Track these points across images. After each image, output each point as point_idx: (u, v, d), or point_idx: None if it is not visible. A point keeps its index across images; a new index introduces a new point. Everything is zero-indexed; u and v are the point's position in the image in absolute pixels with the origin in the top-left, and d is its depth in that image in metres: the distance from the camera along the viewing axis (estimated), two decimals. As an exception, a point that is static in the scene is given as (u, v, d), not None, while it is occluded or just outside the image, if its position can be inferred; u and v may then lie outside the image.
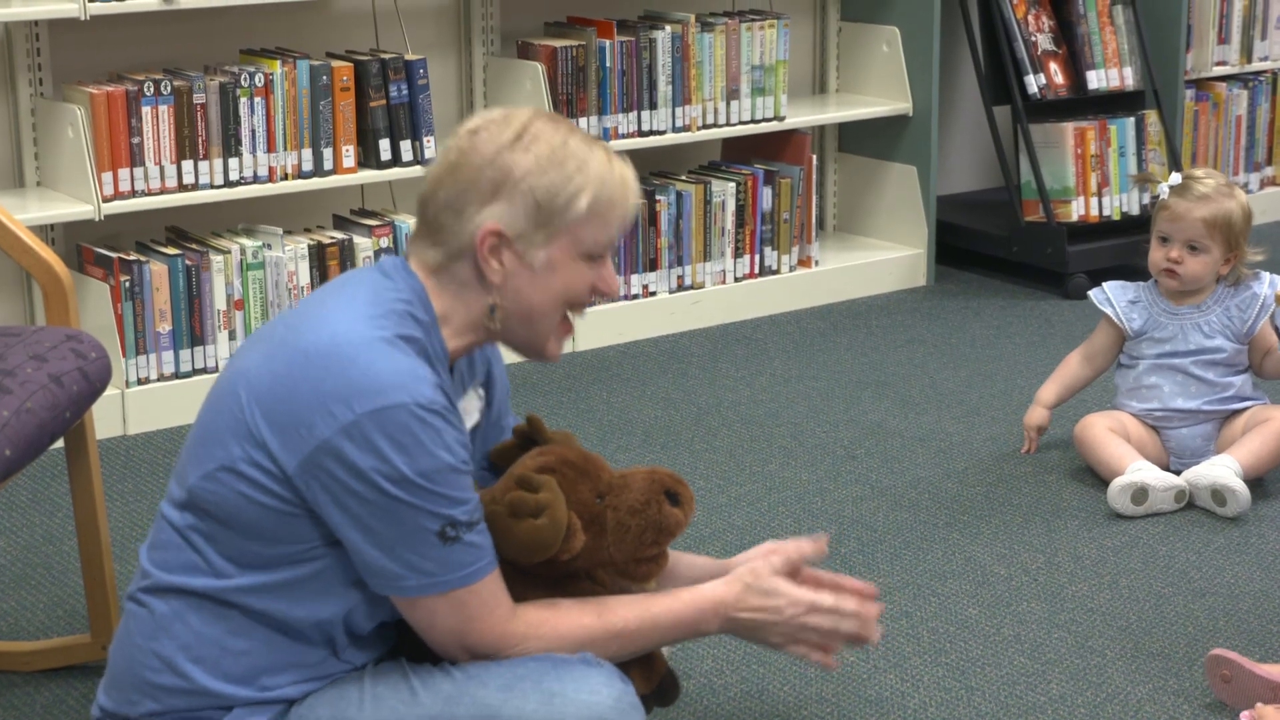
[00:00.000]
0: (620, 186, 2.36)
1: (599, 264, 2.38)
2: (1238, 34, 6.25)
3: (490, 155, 2.32)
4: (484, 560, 2.30)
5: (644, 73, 5.08)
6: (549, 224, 2.32)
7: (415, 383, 2.24)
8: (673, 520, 2.50)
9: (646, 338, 5.11)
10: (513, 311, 2.36)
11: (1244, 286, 4.07)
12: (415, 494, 2.23)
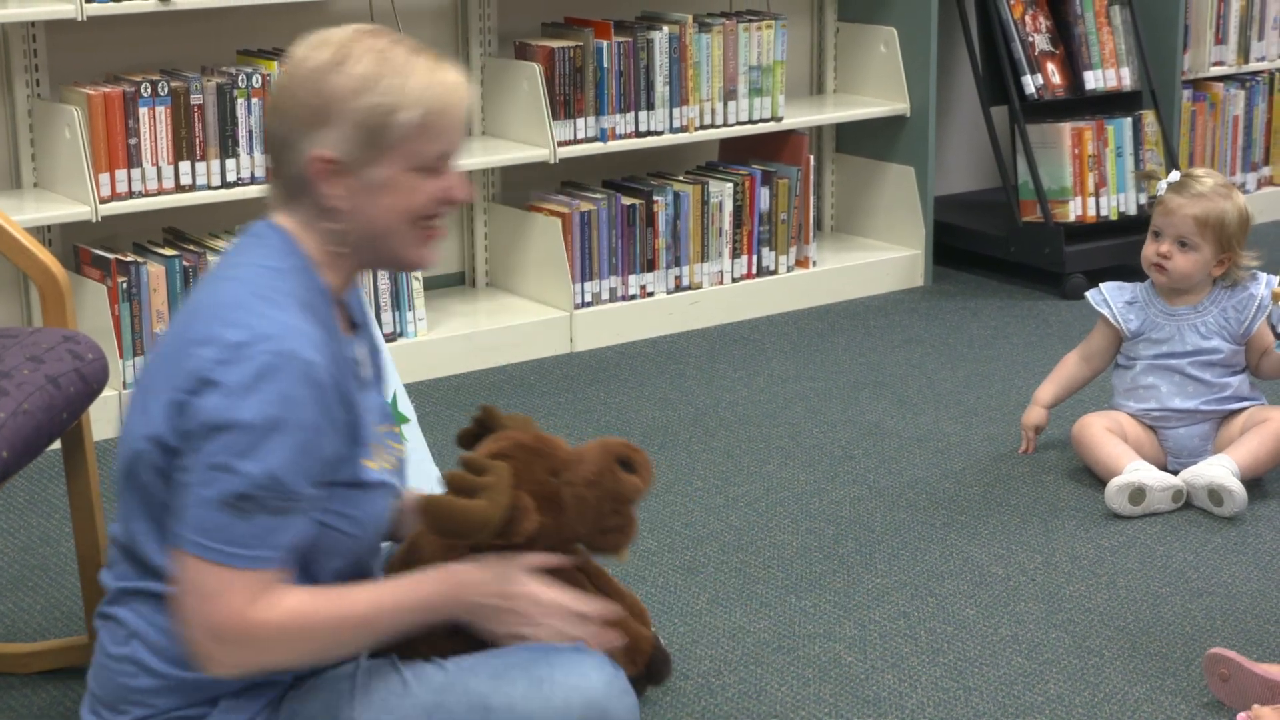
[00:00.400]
0: (446, 94, 2.29)
1: (442, 174, 2.32)
2: (1235, 34, 6.25)
3: (309, 82, 2.28)
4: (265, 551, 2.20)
5: (641, 73, 5.08)
6: (378, 143, 2.27)
7: (297, 337, 2.20)
8: (629, 486, 2.48)
9: (644, 338, 5.11)
10: (362, 234, 2.31)
11: (1241, 287, 4.07)
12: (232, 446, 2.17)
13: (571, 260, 4.99)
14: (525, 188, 5.20)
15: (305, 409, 2.19)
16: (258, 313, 2.21)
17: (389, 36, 2.32)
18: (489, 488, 2.34)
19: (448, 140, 2.31)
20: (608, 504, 2.46)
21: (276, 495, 2.18)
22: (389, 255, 2.34)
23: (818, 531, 3.80)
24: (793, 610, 3.43)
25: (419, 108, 2.26)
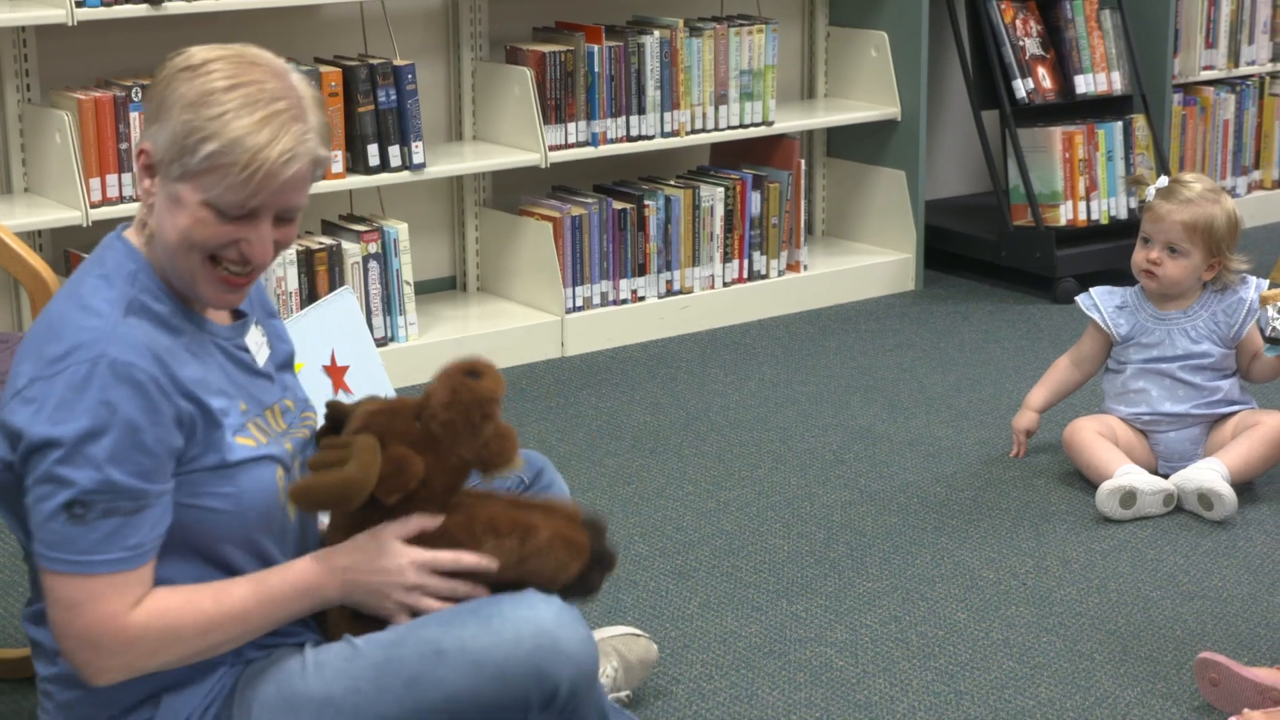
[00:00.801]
0: (256, 152, 2.23)
1: (242, 223, 2.28)
2: (1225, 38, 6.26)
3: (167, 77, 2.28)
4: (118, 554, 2.19)
5: (632, 78, 5.08)
6: (181, 159, 2.25)
7: (113, 341, 2.20)
8: (484, 390, 2.47)
9: (635, 343, 5.11)
10: (157, 238, 2.31)
11: (1230, 291, 4.08)
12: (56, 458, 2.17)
13: (563, 264, 4.99)
14: (516, 192, 5.20)
15: (125, 409, 2.19)
16: (75, 323, 2.23)
17: (265, 72, 2.29)
18: (353, 454, 2.36)
19: (248, 194, 2.25)
20: (475, 413, 2.46)
21: (112, 497, 2.18)
22: (179, 276, 2.32)
23: (809, 535, 3.80)
24: (784, 614, 3.43)
25: (219, 146, 2.23)
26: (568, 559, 2.50)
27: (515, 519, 2.49)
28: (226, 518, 2.32)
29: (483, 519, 2.47)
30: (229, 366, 2.38)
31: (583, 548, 2.52)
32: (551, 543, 2.49)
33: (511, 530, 2.47)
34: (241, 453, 2.33)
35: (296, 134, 2.27)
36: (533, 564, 2.48)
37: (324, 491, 2.36)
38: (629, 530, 3.81)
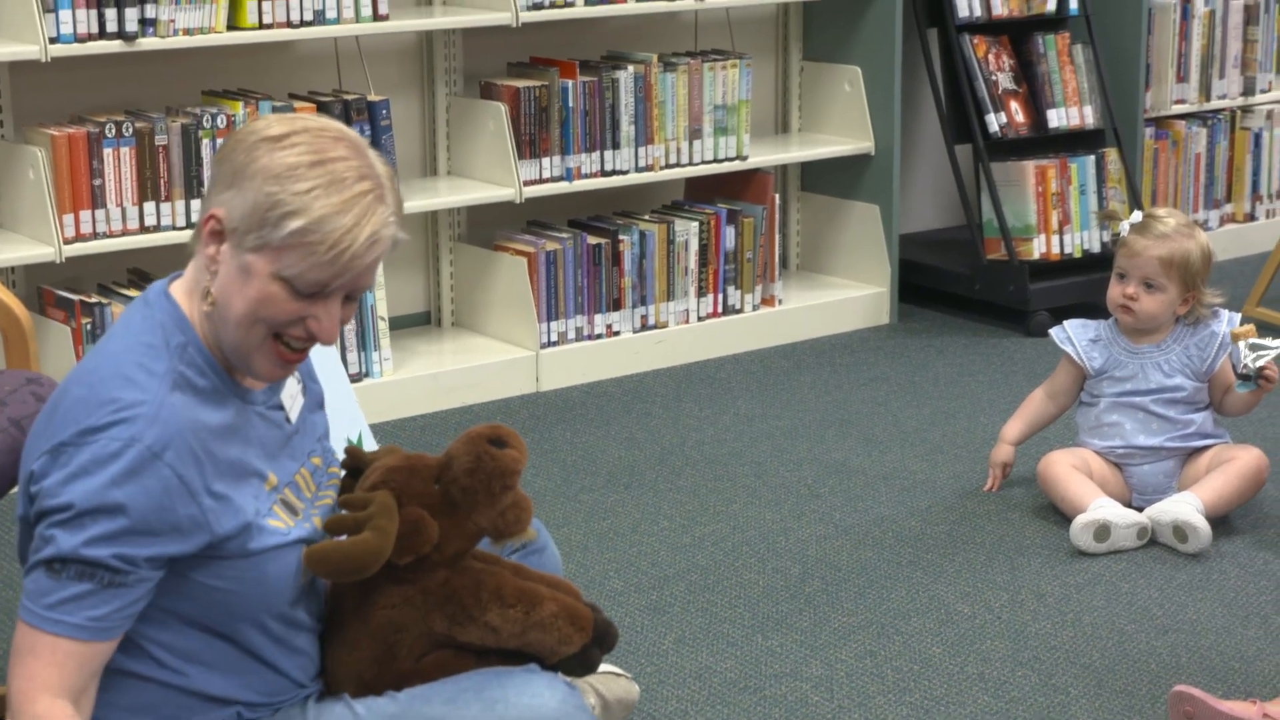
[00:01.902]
0: (341, 233, 2.22)
1: (314, 301, 2.26)
2: (1196, 72, 6.29)
3: (246, 147, 2.26)
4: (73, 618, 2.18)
5: (607, 113, 5.09)
6: (259, 230, 2.22)
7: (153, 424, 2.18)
8: (508, 460, 2.49)
9: (610, 377, 5.11)
10: (219, 308, 2.27)
11: (1203, 325, 4.09)
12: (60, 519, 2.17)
13: (537, 299, 4.99)
14: (491, 227, 5.21)
15: (140, 501, 2.17)
16: (116, 395, 2.20)
17: (348, 148, 2.27)
18: (372, 518, 2.36)
19: (331, 275, 2.24)
20: (495, 484, 2.47)
21: (93, 567, 2.17)
22: (234, 343, 2.29)
23: (784, 570, 3.80)
24: (759, 650, 3.42)
25: (305, 224, 2.21)
26: (571, 633, 2.50)
27: (521, 589, 2.49)
28: (244, 600, 2.32)
29: (490, 586, 2.48)
30: (265, 435, 2.36)
31: (587, 623, 2.53)
32: (556, 616, 2.49)
33: (517, 600, 2.48)
34: (270, 539, 2.31)
35: (381, 217, 2.25)
36: (535, 635, 2.48)
37: (341, 560, 2.35)
38: (604, 566, 3.81)
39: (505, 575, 2.51)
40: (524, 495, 2.54)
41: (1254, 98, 6.48)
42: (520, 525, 2.53)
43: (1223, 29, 6.33)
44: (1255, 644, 3.45)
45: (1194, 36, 6.26)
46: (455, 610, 2.45)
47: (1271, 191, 6.59)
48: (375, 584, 2.42)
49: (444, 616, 2.46)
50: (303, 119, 2.30)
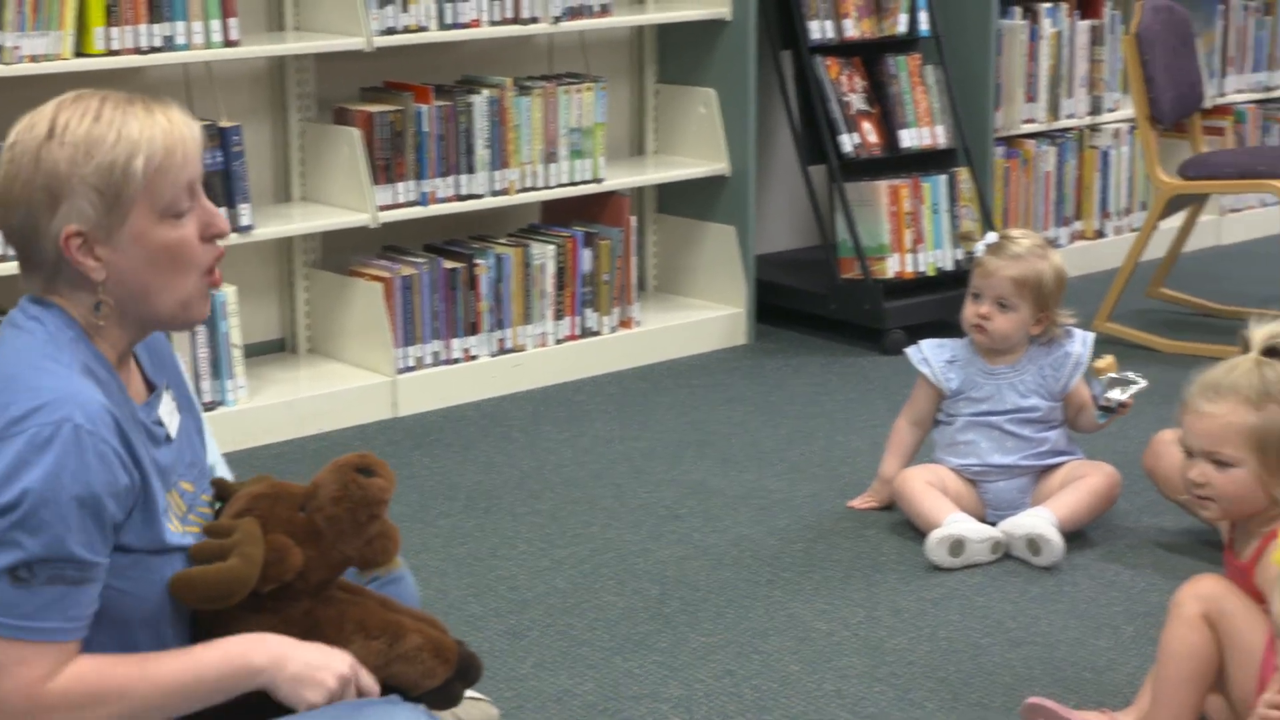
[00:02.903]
0: (169, 131, 2.25)
1: (192, 212, 2.28)
2: (1045, 92, 6.38)
3: (31, 164, 2.24)
4: (58, 623, 2.15)
5: (462, 137, 5.08)
6: (118, 203, 2.22)
7: (76, 405, 2.15)
8: (375, 489, 2.47)
9: (468, 401, 5.10)
10: (131, 297, 2.27)
11: (1057, 345, 4.15)
12: (10, 521, 2.12)
13: (394, 325, 4.97)
14: (346, 253, 5.18)
15: (85, 477, 2.15)
16: (31, 383, 2.18)
17: (96, 95, 2.28)
18: (237, 544, 2.34)
19: (185, 174, 2.26)
20: (362, 513, 2.45)
21: (61, 565, 2.14)
22: (164, 312, 2.29)
23: (643, 592, 3.80)
24: (618, 672, 3.43)
25: (146, 154, 2.23)
26: (435, 665, 2.49)
27: (386, 621, 2.47)
28: (142, 602, 2.28)
29: (354, 617, 2.45)
30: (148, 444, 2.32)
31: (452, 655, 2.51)
32: (421, 649, 2.47)
33: (382, 632, 2.46)
34: (174, 539, 2.29)
35: (169, 103, 2.31)
36: (399, 667, 2.46)
37: (207, 587, 2.32)
38: (462, 591, 3.80)
39: (371, 606, 2.49)
40: (391, 525, 2.52)
41: (1101, 116, 6.58)
42: (387, 555, 2.51)
43: (1070, 49, 6.43)
44: (1106, 655, 3.49)
45: (1042, 57, 6.35)
46: (319, 639, 2.42)
47: (1120, 208, 6.69)
48: (236, 613, 2.39)
49: None
50: (41, 110, 2.29)
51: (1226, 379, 3.02)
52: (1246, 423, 2.99)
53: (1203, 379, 3.06)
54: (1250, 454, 2.99)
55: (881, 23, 5.76)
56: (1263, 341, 3.04)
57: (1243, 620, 2.97)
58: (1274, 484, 2.99)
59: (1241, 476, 3.00)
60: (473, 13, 5.08)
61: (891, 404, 4.37)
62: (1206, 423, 3.03)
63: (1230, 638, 2.97)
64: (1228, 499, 3.03)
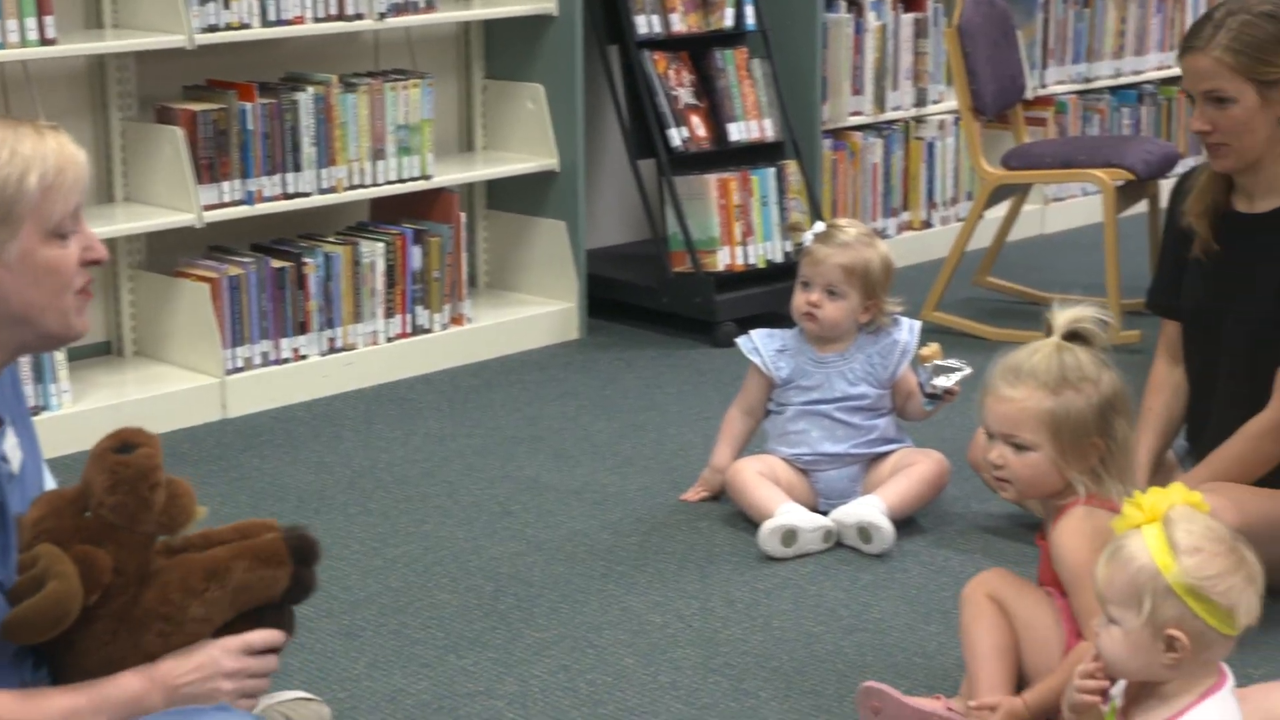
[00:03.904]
0: (57, 154, 2.27)
1: (74, 235, 2.30)
2: (870, 85, 6.44)
3: None
4: None
5: (287, 135, 5.03)
6: (9, 218, 2.24)
7: None
8: (141, 460, 2.43)
9: (298, 402, 5.05)
10: (12, 316, 2.28)
11: (884, 334, 4.19)
12: None
13: (221, 325, 4.91)
14: (171, 253, 5.10)
15: None
16: None
17: None
18: (47, 569, 2.30)
19: (74, 197, 2.28)
20: (142, 488, 2.42)
21: None
22: (44, 332, 2.29)
23: (477, 589, 3.79)
24: (453, 669, 3.41)
25: (39, 171, 2.23)
26: (272, 572, 2.47)
27: (205, 566, 2.44)
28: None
29: (175, 583, 2.42)
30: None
31: (278, 552, 2.48)
32: (249, 569, 2.45)
33: (206, 580, 2.43)
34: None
35: (57, 129, 2.32)
36: (244, 597, 2.44)
37: (39, 617, 2.28)
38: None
39: (190, 560, 2.45)
40: (178, 481, 2.48)
41: (926, 108, 6.66)
42: (188, 513, 2.47)
43: (894, 42, 6.49)
44: (937, 639, 3.53)
45: (867, 50, 6.41)
46: (159, 624, 2.39)
47: (946, 199, 6.77)
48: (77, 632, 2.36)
49: (153, 634, 2.40)
50: None
51: (1026, 364, 3.08)
52: (1043, 408, 3.04)
53: (1004, 362, 3.12)
54: (1046, 438, 3.04)
55: (708, 17, 5.78)
56: (1064, 326, 3.10)
57: (1019, 602, 3.12)
58: (1068, 467, 3.05)
59: (1037, 460, 3.06)
60: (296, 9, 5.03)
61: (724, 396, 4.39)
62: (1005, 406, 3.08)
63: (1013, 618, 3.11)
64: (1023, 481, 3.09)
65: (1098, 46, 7.21)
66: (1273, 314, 3.65)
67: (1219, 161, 3.67)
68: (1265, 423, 3.63)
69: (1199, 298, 3.78)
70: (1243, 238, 3.71)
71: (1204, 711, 2.46)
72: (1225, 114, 3.61)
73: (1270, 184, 3.69)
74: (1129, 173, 5.53)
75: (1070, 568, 2.99)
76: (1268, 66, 3.59)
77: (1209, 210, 3.73)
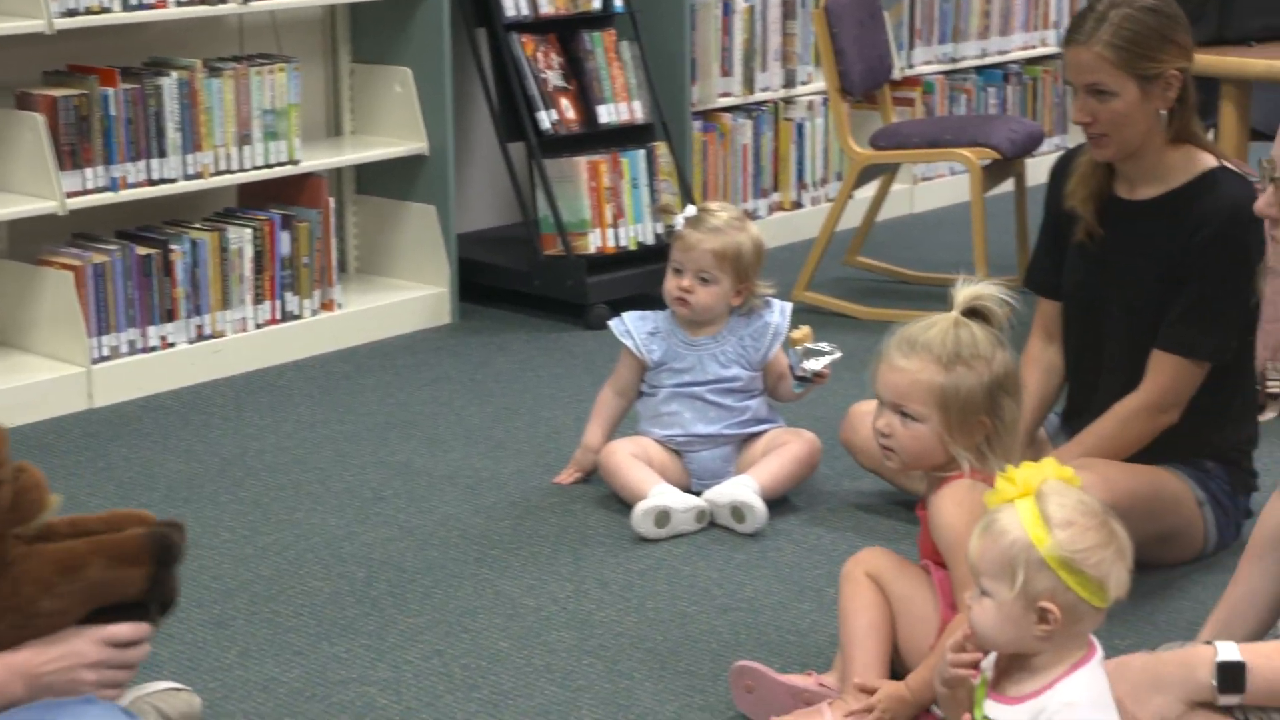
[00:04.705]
0: None
1: None
2: (739, 66, 6.46)
3: None
4: None
5: (151, 120, 4.97)
6: None
7: None
8: None
9: (167, 390, 4.99)
10: None
11: (756, 316, 4.20)
12: None
13: (86, 314, 4.84)
14: (34, 241, 5.02)
15: None
16: None
17: None
18: None
19: None
20: None
21: None
22: None
23: (349, 575, 3.76)
24: (325, 657, 3.39)
25: None
26: (129, 571, 2.43)
27: (60, 561, 2.40)
28: None
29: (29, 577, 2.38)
30: None
31: (140, 553, 2.45)
32: (107, 566, 2.41)
33: (58, 575, 2.39)
34: None
35: None
36: (102, 591, 2.41)
37: None
38: (164, 582, 3.72)
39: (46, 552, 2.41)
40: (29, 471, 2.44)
41: (795, 89, 6.68)
42: (39, 505, 2.43)
43: (763, 23, 6.51)
44: (810, 617, 3.55)
45: (736, 31, 6.43)
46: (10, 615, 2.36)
47: (816, 179, 6.80)
48: None
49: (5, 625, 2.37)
50: None
51: (922, 336, 3.10)
52: (934, 382, 3.07)
53: (902, 332, 3.14)
54: (934, 411, 3.07)
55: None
56: (964, 302, 3.12)
57: (897, 580, 3.14)
58: (953, 442, 3.08)
59: (923, 432, 3.09)
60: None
61: (596, 378, 4.39)
62: (896, 377, 3.11)
63: (891, 595, 3.14)
64: (908, 452, 3.12)
65: (964, 27, 7.27)
66: (1153, 299, 3.69)
67: (1100, 151, 3.69)
68: (1135, 405, 3.68)
69: (1082, 281, 3.81)
70: (1125, 224, 3.74)
71: (1073, 682, 2.48)
72: (1106, 107, 3.62)
73: (1151, 172, 3.71)
74: (995, 152, 5.57)
75: (949, 539, 3.02)
76: (1149, 62, 3.60)
77: (1093, 196, 3.76)
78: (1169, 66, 3.62)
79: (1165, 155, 3.70)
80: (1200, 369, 3.67)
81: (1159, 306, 3.68)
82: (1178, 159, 3.70)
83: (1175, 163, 3.70)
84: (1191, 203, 3.66)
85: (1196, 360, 3.66)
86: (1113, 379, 3.78)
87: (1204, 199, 3.65)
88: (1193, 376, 3.67)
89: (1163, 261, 3.67)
